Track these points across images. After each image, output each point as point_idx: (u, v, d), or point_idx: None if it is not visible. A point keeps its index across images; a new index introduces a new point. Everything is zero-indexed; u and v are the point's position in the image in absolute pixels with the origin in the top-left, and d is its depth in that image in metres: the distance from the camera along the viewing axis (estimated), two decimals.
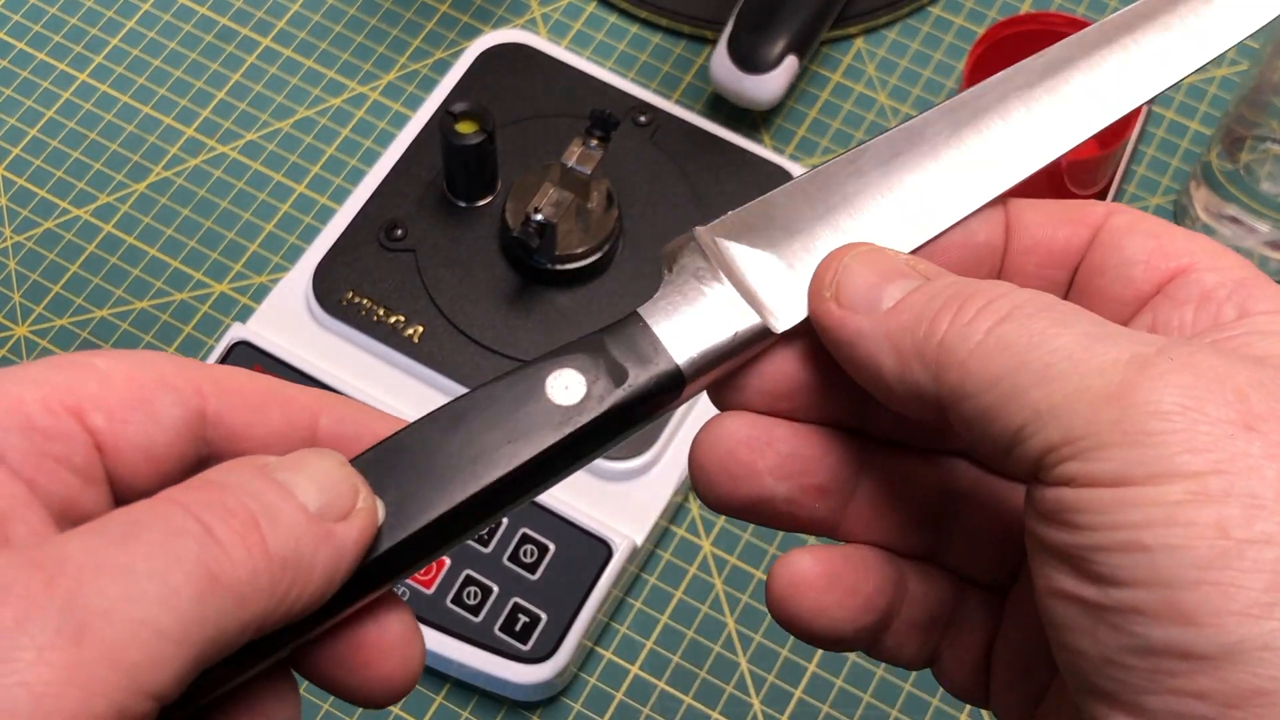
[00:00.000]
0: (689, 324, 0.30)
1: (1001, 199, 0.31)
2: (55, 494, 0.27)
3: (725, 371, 0.31)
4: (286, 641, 0.27)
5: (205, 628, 0.24)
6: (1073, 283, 0.31)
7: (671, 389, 0.30)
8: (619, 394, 0.29)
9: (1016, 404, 0.26)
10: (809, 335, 0.30)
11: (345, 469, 0.27)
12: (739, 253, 0.30)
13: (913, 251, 0.31)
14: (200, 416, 0.28)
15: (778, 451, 0.31)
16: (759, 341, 0.30)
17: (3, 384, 0.27)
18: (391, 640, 0.29)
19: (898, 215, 0.31)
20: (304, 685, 0.29)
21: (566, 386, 0.29)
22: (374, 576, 0.28)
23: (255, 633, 0.25)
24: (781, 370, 0.31)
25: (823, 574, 0.31)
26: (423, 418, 0.29)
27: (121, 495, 0.28)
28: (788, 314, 0.30)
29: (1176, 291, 0.29)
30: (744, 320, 0.30)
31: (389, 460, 0.28)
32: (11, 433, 0.26)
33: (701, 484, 0.31)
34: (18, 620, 0.22)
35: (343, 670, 0.29)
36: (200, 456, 0.29)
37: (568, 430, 0.29)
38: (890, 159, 0.31)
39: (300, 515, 0.26)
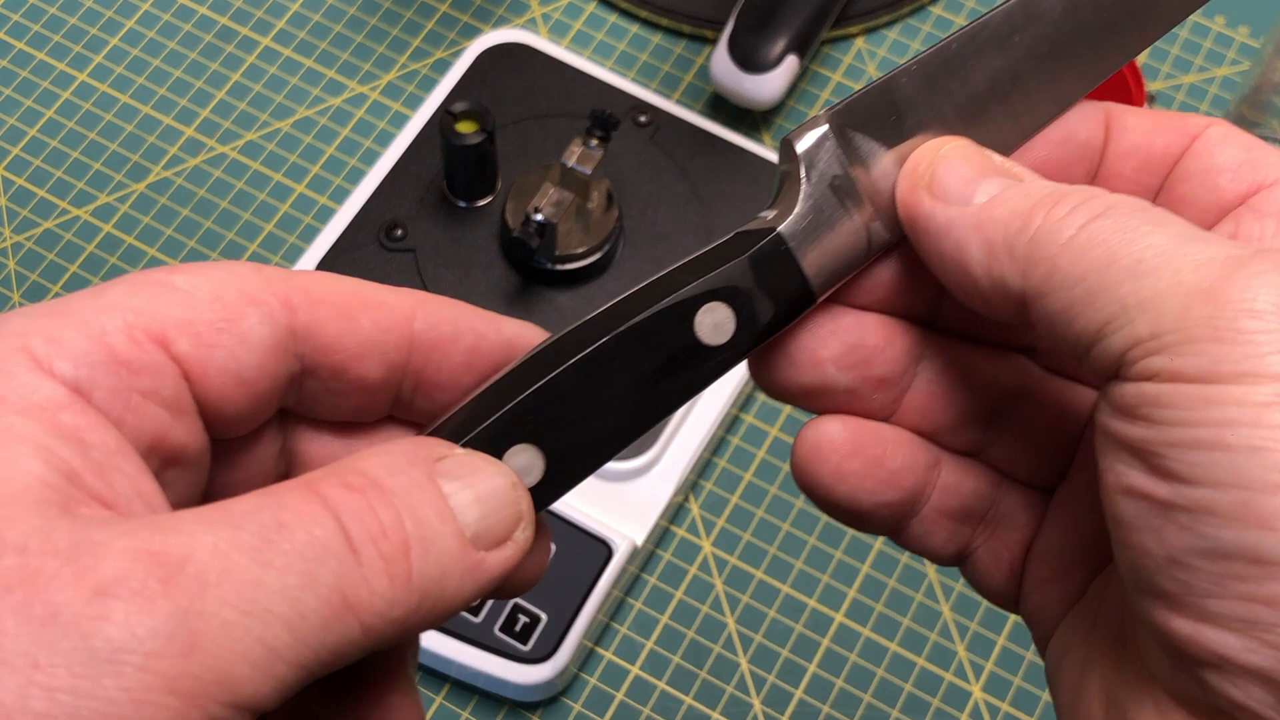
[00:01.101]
0: (826, 242, 0.29)
1: (1102, 104, 0.31)
2: (145, 431, 0.25)
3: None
4: None
5: (324, 652, 0.23)
6: (1161, 187, 0.31)
7: (801, 311, 0.29)
8: (762, 328, 0.29)
9: (1105, 298, 0.26)
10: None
11: (516, 492, 0.26)
12: (865, 147, 0.29)
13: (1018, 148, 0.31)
14: (289, 332, 0.27)
15: (842, 341, 0.30)
16: (879, 252, 0.30)
17: (82, 312, 0.25)
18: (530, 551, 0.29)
19: (1011, 110, 0.30)
20: None
21: (716, 325, 0.28)
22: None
23: (374, 650, 0.24)
24: None
25: (848, 440, 0.31)
26: (572, 359, 0.28)
27: (212, 421, 0.27)
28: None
29: (1260, 204, 0.29)
30: (876, 239, 0.29)
31: (544, 411, 0.28)
32: (97, 368, 0.25)
33: (760, 368, 0.31)
34: (128, 620, 0.21)
35: None
36: (292, 373, 0.28)
37: (718, 368, 0.29)
38: (1008, 38, 0.30)
39: (455, 542, 0.25)
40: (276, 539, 0.23)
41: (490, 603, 0.57)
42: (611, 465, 0.59)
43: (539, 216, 0.59)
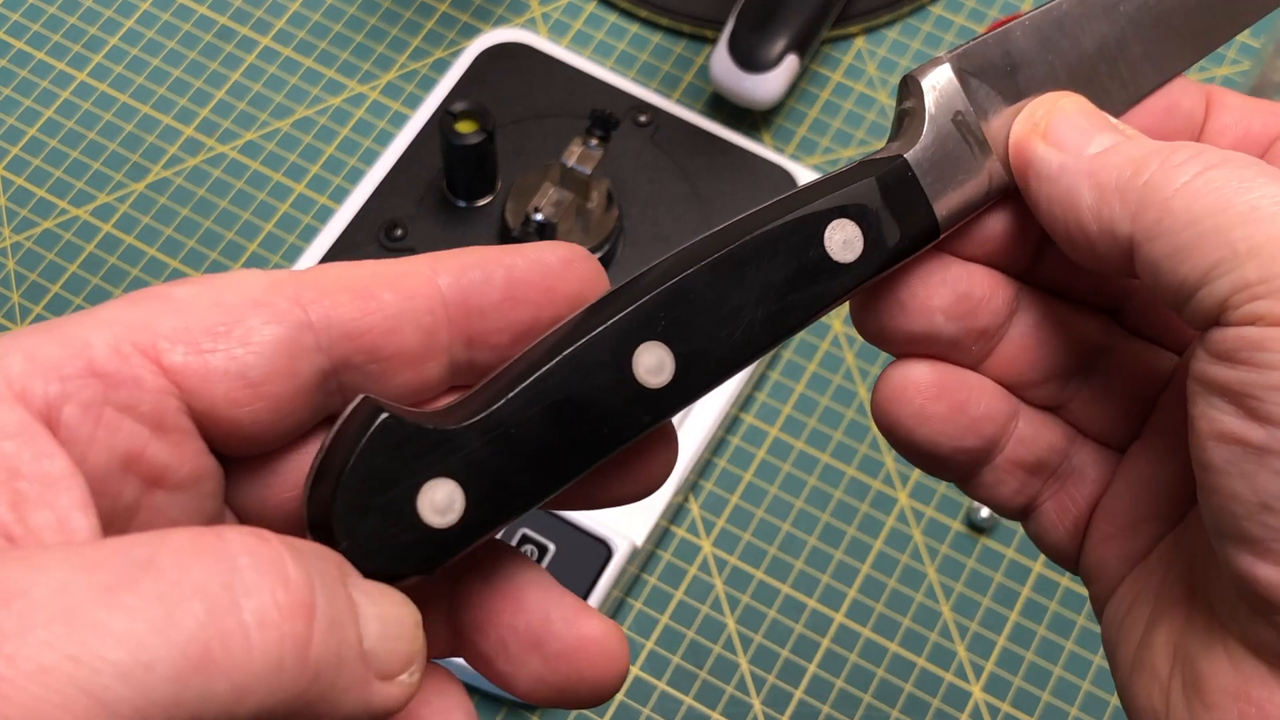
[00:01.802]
0: (949, 176, 0.29)
1: (1203, 83, 0.32)
2: (117, 447, 0.24)
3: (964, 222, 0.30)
4: None
5: (176, 712, 0.20)
6: None
7: (925, 243, 0.30)
8: (890, 252, 0.29)
9: (1215, 242, 0.26)
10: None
11: (418, 632, 0.24)
12: (982, 92, 0.30)
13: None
14: (304, 327, 0.26)
15: (953, 290, 0.30)
16: (996, 195, 0.30)
17: (71, 326, 0.24)
18: (651, 454, 0.29)
19: (1117, 74, 0.31)
20: None
21: (845, 241, 0.29)
22: (658, 420, 0.28)
23: None
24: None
25: (934, 383, 0.31)
26: (703, 261, 0.28)
27: (225, 436, 0.26)
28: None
29: None
30: (996, 177, 0.30)
31: (675, 308, 0.27)
32: (71, 381, 0.24)
33: (868, 314, 0.31)
34: None
35: (605, 486, 0.29)
36: (320, 370, 0.26)
37: (845, 286, 0.29)
38: (1115, 6, 0.31)
39: (355, 643, 0.23)
40: (139, 579, 0.20)
41: None
42: None
43: (539, 216, 0.59)
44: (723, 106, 0.70)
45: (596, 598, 0.58)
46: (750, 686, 0.60)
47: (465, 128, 0.61)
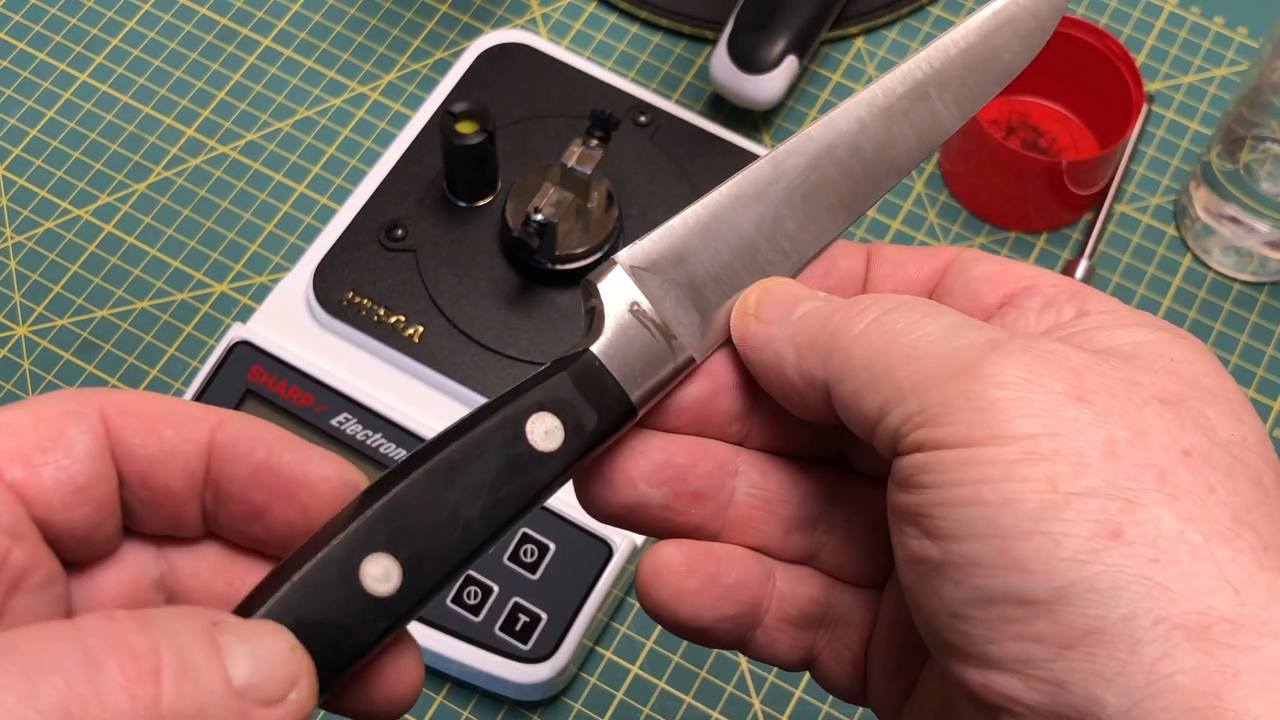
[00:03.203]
0: (636, 360, 0.32)
1: (863, 244, 0.35)
2: None
3: (658, 400, 0.33)
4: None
5: None
6: None
7: (626, 423, 0.32)
8: (590, 435, 0.32)
9: (885, 381, 0.29)
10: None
11: (294, 654, 0.27)
12: (654, 284, 0.33)
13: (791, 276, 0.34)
14: (108, 437, 0.29)
15: (651, 459, 0.33)
16: (685, 370, 0.33)
17: None
18: (395, 667, 0.30)
19: (779, 248, 0.34)
20: None
21: (546, 432, 0.31)
22: (394, 626, 0.29)
23: None
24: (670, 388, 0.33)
25: (684, 562, 0.33)
26: (417, 471, 0.30)
27: (60, 537, 0.28)
28: (700, 342, 0.33)
29: (1021, 300, 0.32)
30: (679, 354, 0.33)
31: (395, 520, 0.29)
32: None
33: (580, 491, 0.33)
34: None
35: (348, 697, 0.30)
36: (117, 479, 0.29)
37: (553, 472, 0.31)
38: (765, 190, 0.34)
39: (219, 685, 0.25)
40: (3, 661, 0.24)
41: (490, 602, 0.57)
42: None
43: (539, 216, 0.59)
44: (723, 107, 0.70)
45: (597, 597, 0.58)
46: (750, 686, 0.60)
47: (466, 128, 0.61)
